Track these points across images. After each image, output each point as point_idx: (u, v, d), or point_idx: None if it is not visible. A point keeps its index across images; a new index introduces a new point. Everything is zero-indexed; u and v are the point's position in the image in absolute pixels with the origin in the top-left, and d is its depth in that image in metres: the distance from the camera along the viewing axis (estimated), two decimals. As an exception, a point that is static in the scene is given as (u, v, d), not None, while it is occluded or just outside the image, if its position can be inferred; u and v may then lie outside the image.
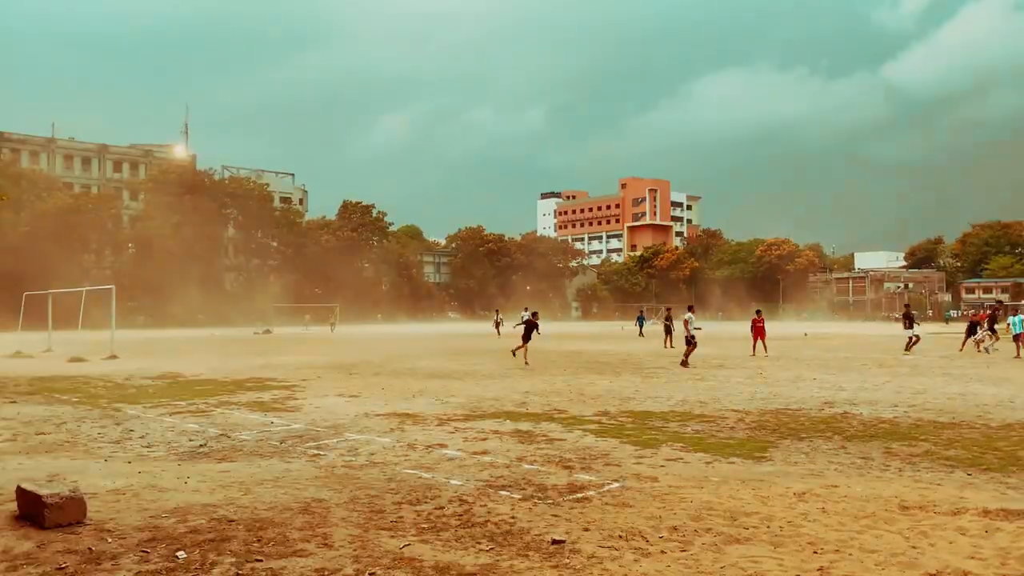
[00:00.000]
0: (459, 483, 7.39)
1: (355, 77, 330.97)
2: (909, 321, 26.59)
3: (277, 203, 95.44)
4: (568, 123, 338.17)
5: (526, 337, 22.37)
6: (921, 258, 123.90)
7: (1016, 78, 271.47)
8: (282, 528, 5.88)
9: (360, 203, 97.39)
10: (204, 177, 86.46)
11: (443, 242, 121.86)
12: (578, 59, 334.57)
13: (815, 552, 5.24)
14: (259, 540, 5.58)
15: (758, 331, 26.64)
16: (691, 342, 21.77)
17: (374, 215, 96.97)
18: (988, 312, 26.83)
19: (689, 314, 23.07)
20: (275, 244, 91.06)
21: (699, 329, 24.48)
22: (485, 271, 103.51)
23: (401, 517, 6.20)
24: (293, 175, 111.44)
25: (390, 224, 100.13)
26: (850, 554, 5.19)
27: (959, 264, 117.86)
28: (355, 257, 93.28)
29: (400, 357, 26.33)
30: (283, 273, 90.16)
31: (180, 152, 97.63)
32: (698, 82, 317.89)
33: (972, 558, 5.09)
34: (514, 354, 22.67)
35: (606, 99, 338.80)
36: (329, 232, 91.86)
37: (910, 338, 25.93)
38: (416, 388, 16.19)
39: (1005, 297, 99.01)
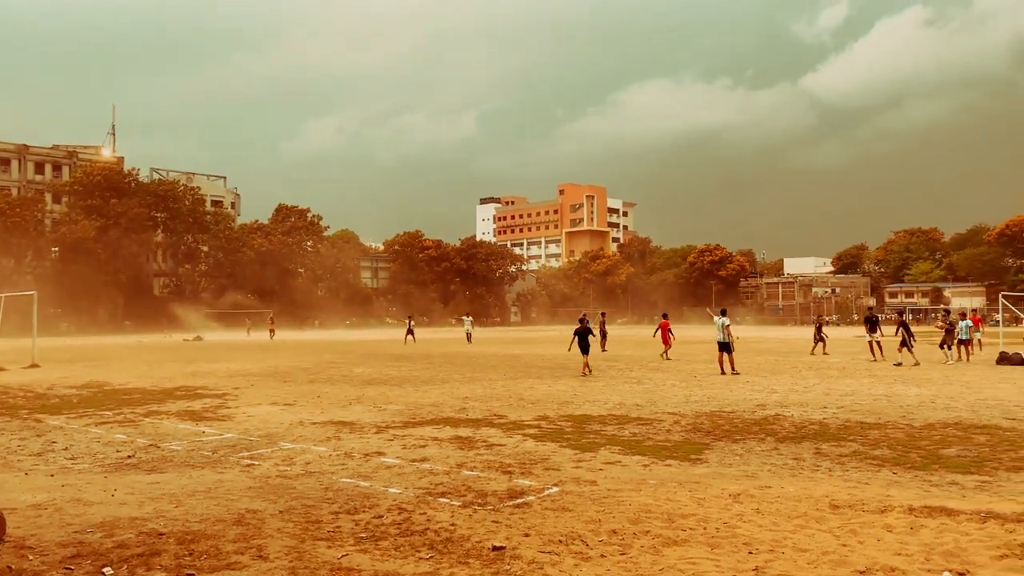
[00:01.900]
0: (398, 491, 7.31)
1: (284, 81, 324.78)
2: (905, 330, 25.02)
3: (209, 207, 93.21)
4: (499, 129, 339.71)
5: (583, 347, 20.94)
6: (847, 263, 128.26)
7: (928, 90, 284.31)
8: (215, 540, 5.72)
9: (296, 207, 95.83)
10: (131, 179, 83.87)
11: (380, 247, 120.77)
12: (505, 67, 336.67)
13: (750, 552, 5.34)
14: (191, 554, 5.42)
15: (663, 334, 27.24)
16: (730, 348, 20.55)
17: (309, 219, 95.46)
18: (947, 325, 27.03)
19: (724, 319, 21.26)
20: (206, 248, 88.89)
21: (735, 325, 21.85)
22: (424, 276, 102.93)
23: (339, 527, 6.10)
24: (225, 178, 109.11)
25: (326, 228, 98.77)
26: (783, 553, 5.30)
27: (882, 269, 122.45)
28: (290, 262, 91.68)
29: (336, 364, 25.97)
30: (215, 278, 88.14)
31: (106, 154, 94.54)
32: (625, 91, 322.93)
33: (899, 554, 5.26)
34: (587, 372, 20.52)
35: (535, 107, 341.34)
36: (263, 236, 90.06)
37: (874, 344, 25.77)
38: (353, 395, 15.98)
39: (925, 301, 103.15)
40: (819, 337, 29.79)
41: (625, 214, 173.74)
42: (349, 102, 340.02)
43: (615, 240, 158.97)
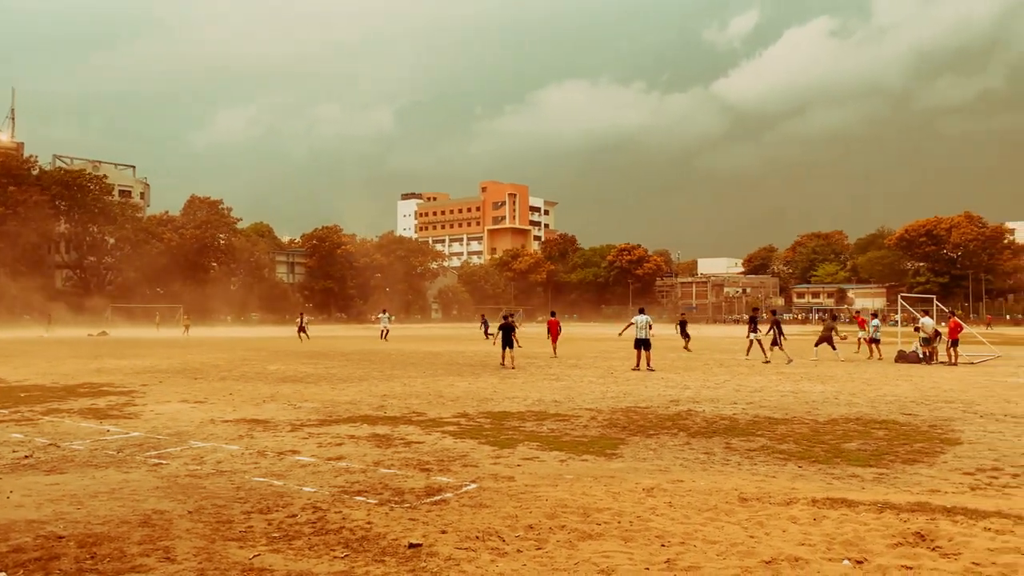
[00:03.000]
0: (312, 490, 7.19)
1: (193, 70, 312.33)
2: (777, 328, 25.83)
3: (116, 196, 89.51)
4: (418, 125, 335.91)
5: (506, 342, 22.17)
6: (757, 265, 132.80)
7: (832, 98, 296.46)
8: (119, 543, 5.51)
9: (207, 198, 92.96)
10: (31, 166, 79.75)
11: (299, 240, 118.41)
12: (422, 63, 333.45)
13: (662, 545, 5.47)
14: (93, 557, 5.20)
15: (552, 331, 27.41)
16: (649, 345, 21.42)
17: (221, 211, 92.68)
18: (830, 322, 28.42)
19: (647, 316, 22.21)
20: (112, 240, 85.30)
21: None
22: (343, 272, 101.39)
23: (251, 527, 5.96)
24: (134, 167, 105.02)
25: (239, 220, 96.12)
26: (694, 545, 5.45)
27: (791, 270, 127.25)
28: (201, 255, 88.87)
29: (249, 360, 25.35)
30: (121, 271, 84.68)
31: (3, 138, 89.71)
32: (543, 90, 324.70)
33: (802, 544, 5.47)
34: (503, 365, 22.01)
35: (453, 103, 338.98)
36: (173, 228, 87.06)
37: (753, 342, 26.56)
38: (267, 393, 15.63)
39: (830, 302, 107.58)
40: (684, 334, 30.97)
41: (546, 213, 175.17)
42: (261, 94, 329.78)
43: (537, 238, 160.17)
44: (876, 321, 27.79)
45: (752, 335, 26.76)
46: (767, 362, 23.94)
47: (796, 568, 4.97)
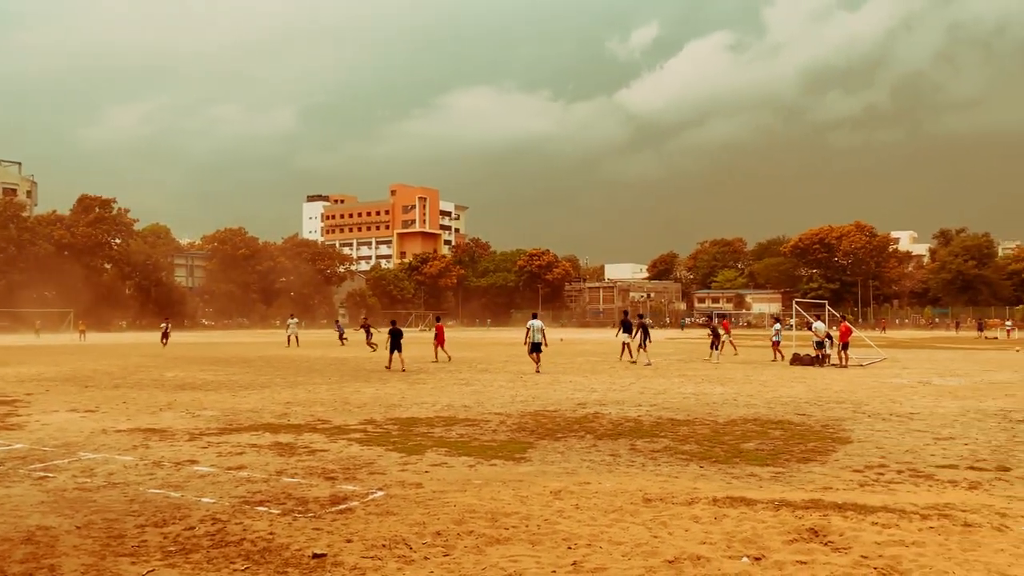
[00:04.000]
0: (212, 501, 6.94)
1: (80, 64, 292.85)
2: (644, 332, 26.41)
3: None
4: (322, 126, 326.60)
5: (395, 346, 22.83)
6: (661, 270, 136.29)
7: (729, 109, 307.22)
8: (-2, 563, 5.17)
9: (100, 197, 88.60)
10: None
11: (199, 243, 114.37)
12: (324, 64, 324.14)
13: (569, 547, 5.52)
14: (-33, 579, 4.87)
15: (439, 337, 27.52)
16: (540, 349, 22.55)
17: (115, 211, 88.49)
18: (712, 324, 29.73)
19: (540, 322, 23.29)
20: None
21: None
22: (246, 276, 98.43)
23: (145, 541, 5.70)
24: (20, 164, 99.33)
25: (135, 222, 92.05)
26: (600, 547, 5.52)
27: (692, 276, 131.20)
28: (93, 257, 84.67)
29: (145, 367, 24.31)
30: (5, 273, 79.81)
31: None
32: (449, 95, 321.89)
33: (704, 543, 5.62)
34: (389, 368, 22.80)
35: (358, 105, 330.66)
36: (62, 228, 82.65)
37: (625, 345, 27.27)
38: (163, 401, 15.02)
39: (730, 306, 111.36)
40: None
41: (457, 217, 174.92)
42: (154, 91, 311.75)
43: (447, 243, 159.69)
44: (777, 326, 28.99)
45: (622, 336, 27.65)
46: (633, 362, 25.38)
47: (698, 567, 5.10)
